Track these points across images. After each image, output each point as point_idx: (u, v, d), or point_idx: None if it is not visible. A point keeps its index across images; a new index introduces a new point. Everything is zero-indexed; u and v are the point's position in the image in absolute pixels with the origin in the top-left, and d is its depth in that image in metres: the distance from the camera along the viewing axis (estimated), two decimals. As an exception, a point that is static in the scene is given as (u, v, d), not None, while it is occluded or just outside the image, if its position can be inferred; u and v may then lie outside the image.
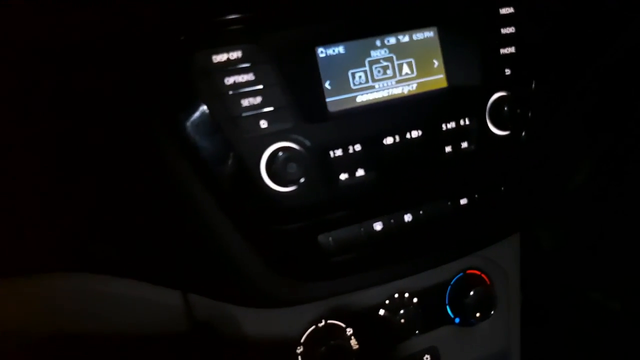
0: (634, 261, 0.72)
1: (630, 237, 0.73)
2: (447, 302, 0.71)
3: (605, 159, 0.75)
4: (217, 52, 0.46)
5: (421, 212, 0.55)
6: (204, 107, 0.46)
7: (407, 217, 0.54)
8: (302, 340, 0.63)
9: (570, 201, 0.74)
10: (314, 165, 0.50)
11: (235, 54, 0.46)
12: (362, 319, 0.66)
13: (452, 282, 0.71)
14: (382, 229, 0.54)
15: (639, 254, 0.71)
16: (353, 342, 0.65)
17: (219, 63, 0.46)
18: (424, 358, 0.70)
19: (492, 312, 0.71)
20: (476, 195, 0.57)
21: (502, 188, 0.58)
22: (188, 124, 0.46)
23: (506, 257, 0.73)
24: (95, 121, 0.48)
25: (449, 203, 0.56)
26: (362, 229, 0.53)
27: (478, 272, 0.72)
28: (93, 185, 0.50)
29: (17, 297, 0.53)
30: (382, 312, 0.67)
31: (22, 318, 0.55)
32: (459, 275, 0.71)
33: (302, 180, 0.49)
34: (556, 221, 0.80)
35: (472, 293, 0.69)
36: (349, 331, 0.65)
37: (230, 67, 0.46)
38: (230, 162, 0.47)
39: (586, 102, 0.65)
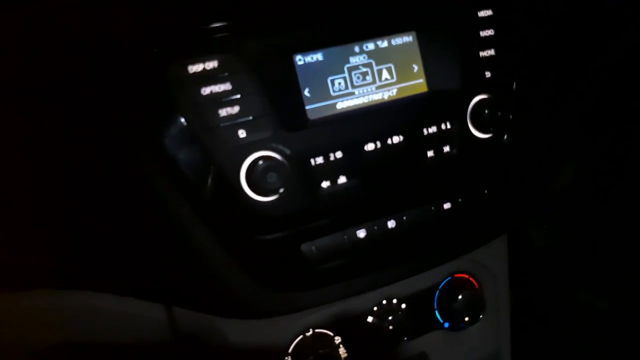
0: (621, 261, 0.72)
1: (617, 238, 0.73)
2: (435, 306, 0.70)
3: (593, 158, 0.75)
4: (193, 63, 0.45)
5: (405, 218, 0.54)
6: (181, 119, 0.46)
7: (391, 224, 0.54)
8: (289, 351, 0.62)
9: (556, 202, 0.74)
10: (295, 173, 0.49)
11: (212, 64, 0.46)
12: (351, 327, 0.65)
13: (440, 287, 0.70)
14: (366, 236, 0.53)
15: (626, 254, 0.71)
16: (342, 350, 0.65)
17: (195, 73, 0.45)
18: (414, 364, 0.70)
19: (481, 316, 0.71)
20: (459, 200, 0.56)
21: (486, 191, 0.58)
22: (165, 136, 0.46)
23: (494, 260, 0.73)
24: (71, 136, 0.47)
25: (433, 208, 0.55)
26: (345, 237, 0.52)
27: (466, 276, 0.72)
28: (73, 201, 0.49)
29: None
30: (370, 319, 0.66)
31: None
32: (446, 280, 0.70)
33: (282, 189, 0.48)
34: (545, 221, 0.80)
35: (460, 297, 0.69)
36: (337, 340, 0.65)
37: (207, 77, 0.46)
38: (209, 173, 0.47)
39: (575, 102, 0.65)
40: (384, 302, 0.67)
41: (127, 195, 0.48)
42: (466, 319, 0.69)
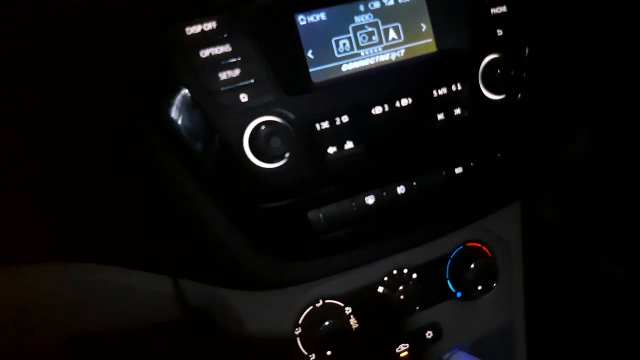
0: (636, 227, 0.70)
1: (631, 204, 0.71)
2: (447, 276, 0.69)
3: (608, 124, 0.73)
4: (190, 24, 0.43)
5: (415, 183, 0.52)
6: (181, 83, 0.44)
7: (400, 190, 0.52)
8: (299, 322, 0.62)
9: (571, 168, 0.72)
10: (300, 139, 0.47)
11: (210, 25, 0.44)
12: (361, 298, 0.64)
13: (452, 256, 0.69)
14: (375, 202, 0.51)
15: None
16: (352, 321, 0.64)
17: (193, 35, 0.43)
18: (426, 334, 0.69)
19: (494, 285, 0.70)
20: (471, 164, 0.54)
21: (499, 155, 0.56)
22: (165, 102, 0.44)
23: (507, 229, 0.71)
24: (70, 105, 0.46)
25: (444, 173, 0.54)
26: (353, 204, 0.51)
27: (479, 245, 0.70)
28: (74, 172, 0.48)
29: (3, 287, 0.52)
30: (381, 289, 0.65)
31: (9, 309, 0.53)
32: (459, 249, 0.69)
33: (287, 155, 0.47)
34: (557, 190, 0.78)
35: (472, 266, 0.67)
36: (348, 310, 0.64)
37: (205, 39, 0.44)
38: (211, 139, 0.45)
39: (593, 66, 0.62)
40: (395, 272, 0.65)
41: (129, 166, 0.47)
42: (479, 287, 0.68)
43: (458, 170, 0.54)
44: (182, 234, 0.50)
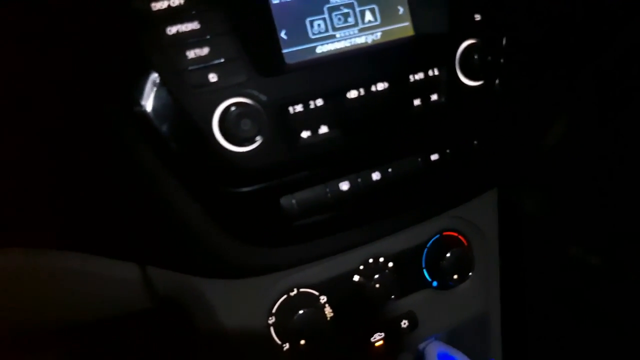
0: (614, 215, 0.70)
1: (611, 190, 0.71)
2: (424, 265, 0.69)
3: (587, 112, 0.73)
4: None
5: (390, 169, 0.52)
6: (147, 61, 0.42)
7: (376, 176, 0.51)
8: (273, 311, 0.60)
9: (549, 156, 0.72)
10: (272, 122, 0.46)
11: (177, 0, 0.42)
12: (336, 286, 0.63)
13: (428, 245, 0.68)
14: (349, 188, 0.50)
15: (621, 207, 0.70)
16: (327, 310, 0.63)
17: (159, 11, 0.41)
18: (402, 323, 0.68)
19: (470, 274, 0.70)
20: (448, 150, 0.53)
21: (475, 142, 0.55)
22: (131, 81, 0.42)
23: (484, 217, 0.71)
24: (31, 81, 0.44)
25: (419, 159, 0.53)
26: (327, 190, 0.50)
27: (455, 234, 0.70)
28: (35, 152, 0.46)
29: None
30: (356, 278, 0.64)
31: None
32: (435, 237, 0.69)
33: (258, 138, 0.45)
34: (534, 180, 0.78)
35: (448, 255, 0.67)
36: (323, 299, 0.63)
37: (172, 15, 0.42)
38: (180, 121, 0.43)
39: (573, 51, 0.61)
40: (371, 260, 0.65)
41: (94, 146, 0.45)
42: (455, 277, 0.68)
43: (434, 156, 0.53)
44: (150, 218, 0.48)
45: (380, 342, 0.67)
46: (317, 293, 0.62)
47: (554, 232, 0.76)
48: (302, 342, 0.60)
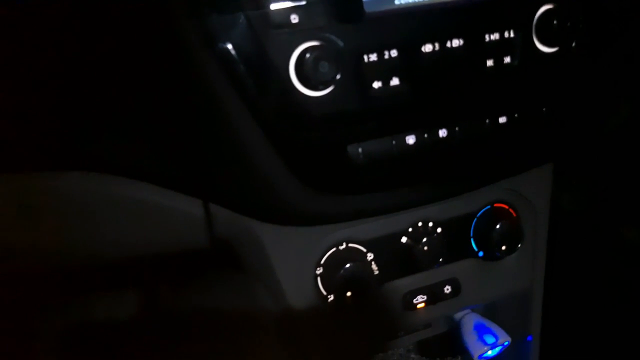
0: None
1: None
2: (471, 234, 0.69)
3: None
4: None
5: (457, 128, 0.51)
6: None
7: (442, 133, 0.51)
8: (322, 262, 0.62)
9: (610, 137, 0.70)
10: (346, 69, 0.46)
11: None
12: (384, 245, 0.64)
13: (478, 215, 0.68)
14: (415, 143, 0.51)
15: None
16: (373, 266, 0.64)
17: (248, -53, 0.42)
18: (444, 289, 0.69)
19: (518, 247, 0.69)
20: (516, 115, 0.53)
21: (544, 109, 0.54)
22: (214, 15, 0.43)
23: (537, 192, 0.70)
24: (115, 13, 0.45)
25: (487, 121, 0.52)
26: (393, 142, 0.50)
27: (506, 206, 0.70)
28: (118, 82, 0.47)
29: (30, 194, 0.51)
30: (404, 239, 0.65)
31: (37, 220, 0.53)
32: (485, 208, 0.68)
33: (331, 83, 0.46)
34: (591, 159, 0.76)
35: (498, 226, 0.67)
36: (370, 256, 0.64)
37: None
38: (258, 59, 0.44)
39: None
40: (420, 224, 0.65)
41: (173, 79, 0.46)
42: (502, 248, 0.68)
43: (502, 119, 0.53)
44: (221, 154, 0.49)
45: (422, 305, 0.68)
46: (364, 250, 0.63)
47: (606, 211, 0.75)
48: (348, 294, 0.61)
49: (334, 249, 0.62)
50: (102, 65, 0.47)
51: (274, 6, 0.43)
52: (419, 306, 0.68)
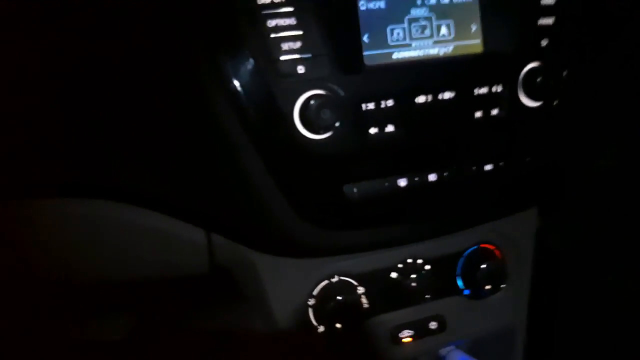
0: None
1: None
2: (458, 272, 0.72)
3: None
4: None
5: (445, 173, 0.55)
6: (246, 47, 0.47)
7: (432, 177, 0.55)
8: (314, 293, 0.65)
9: (593, 182, 0.74)
10: (346, 115, 0.50)
11: None
12: (374, 280, 0.67)
13: (465, 254, 0.72)
14: (407, 185, 0.54)
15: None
16: (364, 300, 0.67)
17: (263, 5, 0.47)
18: (430, 324, 0.71)
19: (502, 287, 0.72)
20: (501, 163, 0.57)
21: (528, 159, 0.58)
22: (229, 61, 0.47)
23: (521, 234, 0.73)
24: (136, 52, 0.49)
25: (474, 167, 0.56)
26: (386, 184, 0.54)
27: (492, 247, 0.73)
28: (134, 114, 0.51)
29: (38, 219, 0.54)
30: (394, 274, 0.68)
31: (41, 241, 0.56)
32: (472, 248, 0.72)
33: (332, 128, 0.50)
34: (576, 202, 0.80)
35: (484, 266, 0.70)
36: (361, 290, 0.67)
37: (274, 10, 0.47)
38: (265, 103, 0.49)
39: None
40: (410, 260, 0.68)
41: (186, 115, 0.50)
42: (487, 287, 0.71)
43: (488, 167, 0.57)
44: (225, 188, 0.53)
45: (409, 339, 0.71)
46: (356, 283, 0.66)
47: (589, 259, 0.78)
48: (337, 326, 0.64)
49: (326, 282, 0.65)
50: (121, 97, 0.51)
51: (283, 57, 0.48)
52: (405, 340, 0.70)
